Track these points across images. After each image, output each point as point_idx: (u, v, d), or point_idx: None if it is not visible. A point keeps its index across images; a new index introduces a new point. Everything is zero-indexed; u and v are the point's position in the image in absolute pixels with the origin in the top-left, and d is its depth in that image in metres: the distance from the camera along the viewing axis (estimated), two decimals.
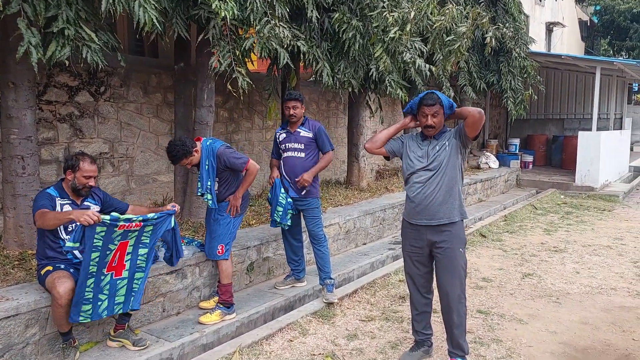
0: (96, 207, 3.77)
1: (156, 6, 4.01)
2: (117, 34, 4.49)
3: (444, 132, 3.52)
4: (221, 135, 7.13)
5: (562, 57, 12.85)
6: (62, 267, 3.56)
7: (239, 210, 4.50)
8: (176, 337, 4.02)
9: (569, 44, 22.43)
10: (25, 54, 3.52)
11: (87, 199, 3.76)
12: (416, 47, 7.08)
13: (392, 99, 8.54)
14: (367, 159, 8.77)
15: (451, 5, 7.09)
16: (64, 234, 3.63)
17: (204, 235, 4.86)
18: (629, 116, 17.78)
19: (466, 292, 3.59)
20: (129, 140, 6.10)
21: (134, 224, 3.49)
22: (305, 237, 5.30)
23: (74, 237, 3.32)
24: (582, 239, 7.44)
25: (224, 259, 4.44)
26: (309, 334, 4.16)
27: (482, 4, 10.24)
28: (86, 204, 3.74)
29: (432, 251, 3.54)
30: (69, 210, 3.55)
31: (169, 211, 3.82)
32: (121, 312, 3.71)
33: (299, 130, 4.83)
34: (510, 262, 6.22)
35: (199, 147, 4.33)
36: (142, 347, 3.78)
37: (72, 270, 3.56)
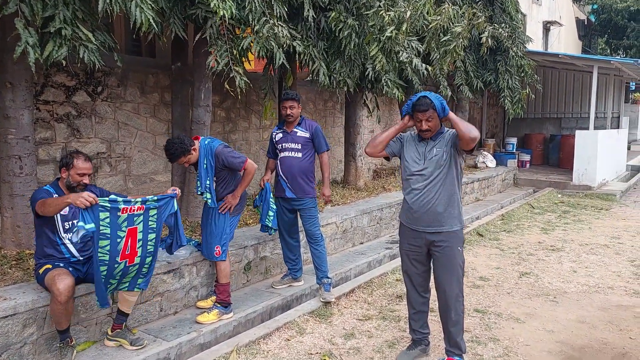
0: (87, 225, 3.75)
1: (153, 6, 4.01)
2: (114, 34, 4.50)
3: (441, 132, 3.52)
4: (218, 134, 7.12)
5: (560, 56, 12.89)
6: (62, 265, 3.58)
7: (232, 209, 4.49)
8: (174, 337, 4.02)
9: (566, 42, 22.46)
10: (22, 53, 3.52)
11: (83, 211, 3.74)
12: (413, 47, 7.09)
13: (389, 98, 8.55)
14: (364, 159, 8.78)
15: (447, 4, 7.10)
16: (62, 232, 3.64)
17: (200, 235, 4.86)
18: (626, 115, 17.82)
19: (464, 291, 3.60)
20: (126, 140, 6.10)
21: (137, 207, 3.55)
22: (302, 236, 5.30)
23: (85, 218, 3.34)
24: (580, 237, 7.46)
25: (221, 260, 4.46)
26: (306, 333, 4.17)
27: (479, 3, 10.24)
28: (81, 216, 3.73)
29: (430, 250, 3.55)
30: (65, 195, 3.57)
31: (170, 194, 3.84)
32: (126, 289, 3.75)
33: (295, 130, 4.84)
34: (507, 261, 6.24)
35: (197, 145, 4.34)
36: (140, 347, 3.78)
37: (70, 269, 3.58)
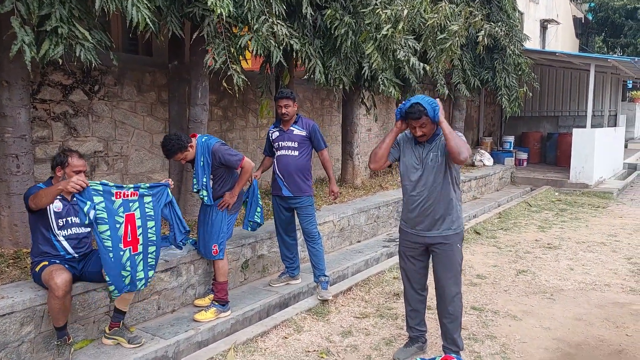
0: (88, 202, 3.76)
1: (149, 5, 4.01)
2: (111, 33, 4.50)
3: (437, 134, 3.51)
4: (215, 133, 7.12)
5: (557, 54, 12.90)
6: (58, 262, 3.59)
7: (230, 207, 4.50)
8: (171, 335, 4.03)
9: (563, 41, 22.48)
10: (18, 52, 3.52)
11: (77, 194, 3.75)
12: (410, 45, 7.09)
13: (386, 97, 8.55)
14: (361, 157, 8.79)
15: (444, 3, 7.10)
16: (56, 229, 3.64)
17: (197, 233, 4.86)
18: (623, 113, 17.88)
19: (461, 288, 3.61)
20: (123, 138, 6.09)
21: (130, 192, 3.65)
22: (299, 234, 5.31)
23: (81, 203, 3.41)
24: (576, 235, 7.48)
25: (219, 259, 4.46)
26: (303, 331, 4.18)
27: (476, 2, 10.22)
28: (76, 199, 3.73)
29: (430, 248, 3.57)
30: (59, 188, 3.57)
31: (163, 183, 3.92)
32: (143, 287, 3.79)
33: (292, 128, 4.83)
34: (504, 259, 6.25)
35: (194, 143, 4.34)
36: (137, 345, 3.79)
37: (66, 265, 3.59)
